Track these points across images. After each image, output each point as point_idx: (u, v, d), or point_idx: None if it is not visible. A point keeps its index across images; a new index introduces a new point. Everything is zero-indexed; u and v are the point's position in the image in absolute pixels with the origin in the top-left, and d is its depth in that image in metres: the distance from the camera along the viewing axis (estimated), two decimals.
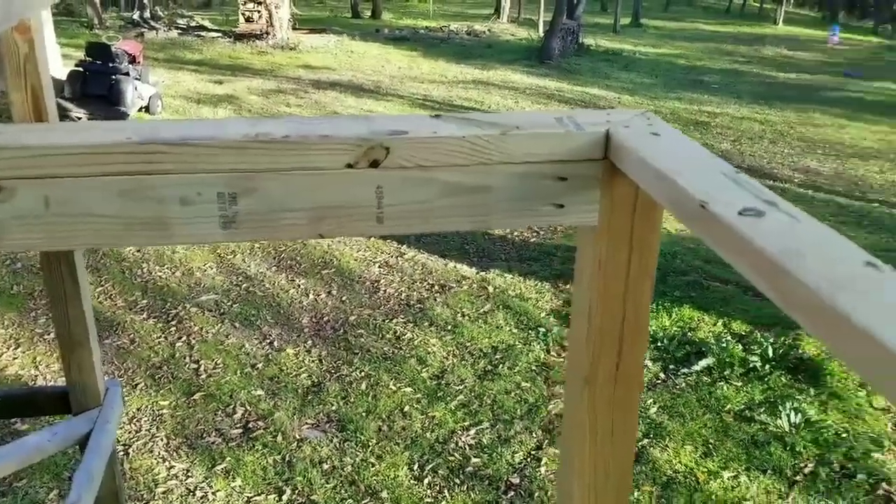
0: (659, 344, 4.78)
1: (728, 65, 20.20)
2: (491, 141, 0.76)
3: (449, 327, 5.04)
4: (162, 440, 3.82)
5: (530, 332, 5.00)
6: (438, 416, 4.07)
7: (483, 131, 0.76)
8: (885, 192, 9.08)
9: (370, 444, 3.83)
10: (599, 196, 0.81)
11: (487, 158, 0.76)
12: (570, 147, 0.78)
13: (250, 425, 3.96)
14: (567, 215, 0.81)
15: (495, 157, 0.77)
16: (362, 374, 4.44)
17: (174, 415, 4.02)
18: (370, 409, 4.11)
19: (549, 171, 0.78)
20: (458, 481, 3.60)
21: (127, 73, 10.33)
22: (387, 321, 5.10)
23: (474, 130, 0.76)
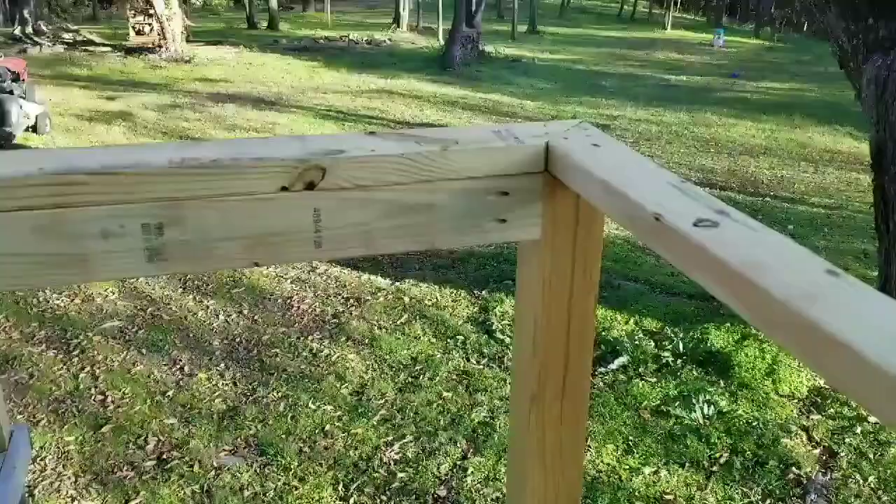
0: None
1: (623, 69, 20.85)
2: (431, 157, 0.73)
3: (366, 341, 4.97)
4: (70, 478, 3.60)
5: (449, 340, 4.99)
6: (361, 432, 4.00)
7: (422, 147, 0.73)
8: (775, 187, 9.54)
9: (292, 466, 3.72)
10: (541, 209, 0.79)
11: (428, 175, 0.73)
12: (512, 161, 0.76)
13: (164, 456, 3.78)
14: (510, 230, 0.79)
15: (436, 173, 0.73)
16: (279, 394, 4.32)
17: (81, 450, 3.80)
18: (290, 431, 4.00)
19: (491, 186, 0.76)
20: (384, 498, 3.54)
21: (11, 92, 9.84)
22: (302, 338, 4.98)
23: (413, 147, 0.73)
